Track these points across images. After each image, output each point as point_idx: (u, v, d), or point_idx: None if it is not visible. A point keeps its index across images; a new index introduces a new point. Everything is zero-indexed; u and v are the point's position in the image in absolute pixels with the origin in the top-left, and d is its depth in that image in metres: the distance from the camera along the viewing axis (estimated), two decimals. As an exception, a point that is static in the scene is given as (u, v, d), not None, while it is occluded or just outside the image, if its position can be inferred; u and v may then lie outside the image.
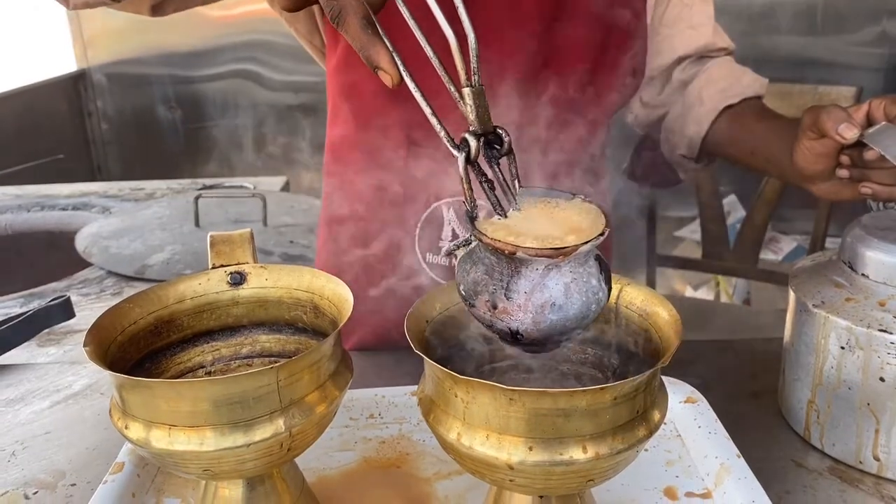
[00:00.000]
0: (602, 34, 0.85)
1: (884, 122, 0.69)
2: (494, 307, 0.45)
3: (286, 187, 1.80)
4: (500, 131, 0.47)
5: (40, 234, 1.64)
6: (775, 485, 0.66)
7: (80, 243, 1.39)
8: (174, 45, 2.66)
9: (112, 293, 1.22)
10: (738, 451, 0.64)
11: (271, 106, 2.68)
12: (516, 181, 0.49)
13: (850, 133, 0.67)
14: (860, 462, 0.68)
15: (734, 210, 2.44)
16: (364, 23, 0.46)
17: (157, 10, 0.76)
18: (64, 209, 1.68)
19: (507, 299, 0.45)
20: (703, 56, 0.93)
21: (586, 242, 0.44)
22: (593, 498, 0.54)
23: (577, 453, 0.44)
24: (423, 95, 0.46)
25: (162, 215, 1.51)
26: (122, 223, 1.49)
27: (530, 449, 0.44)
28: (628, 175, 1.05)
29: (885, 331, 0.63)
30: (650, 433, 0.47)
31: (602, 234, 0.45)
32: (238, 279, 0.60)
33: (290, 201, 1.60)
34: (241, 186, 1.64)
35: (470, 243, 0.48)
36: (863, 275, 0.67)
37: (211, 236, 0.60)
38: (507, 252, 0.44)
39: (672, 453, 0.68)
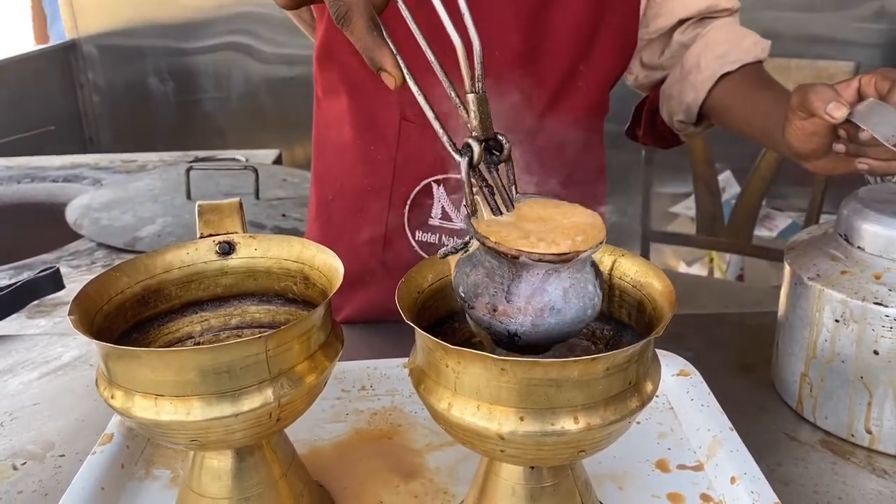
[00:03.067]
0: (596, 9, 0.83)
1: (871, 99, 0.66)
2: (495, 309, 0.46)
3: (279, 160, 1.79)
4: (501, 138, 0.48)
5: (31, 205, 1.62)
6: (767, 457, 0.66)
7: (71, 215, 1.38)
8: (166, 17, 2.63)
9: (103, 265, 1.21)
10: (730, 424, 0.64)
11: (264, 78, 2.66)
12: (514, 187, 0.50)
13: (838, 112, 0.65)
14: (852, 435, 0.67)
15: (729, 186, 2.44)
16: (370, 24, 0.46)
17: None
18: (55, 181, 1.67)
19: (508, 302, 0.45)
20: (705, 17, 0.91)
21: (588, 249, 0.45)
22: (584, 469, 0.53)
23: (568, 424, 0.44)
24: (425, 98, 0.46)
25: (153, 187, 1.50)
26: (113, 195, 1.47)
27: (521, 419, 0.44)
28: (629, 135, 1.03)
29: (880, 304, 0.63)
30: (642, 404, 0.46)
31: (601, 242, 0.45)
32: (227, 249, 0.59)
33: (282, 174, 1.59)
34: (233, 159, 1.63)
35: (465, 247, 0.49)
36: (859, 247, 0.67)
37: (199, 205, 0.59)
38: (509, 256, 0.44)
39: (664, 426, 0.68)
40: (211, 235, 0.59)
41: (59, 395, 0.78)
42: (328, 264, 0.55)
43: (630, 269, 0.53)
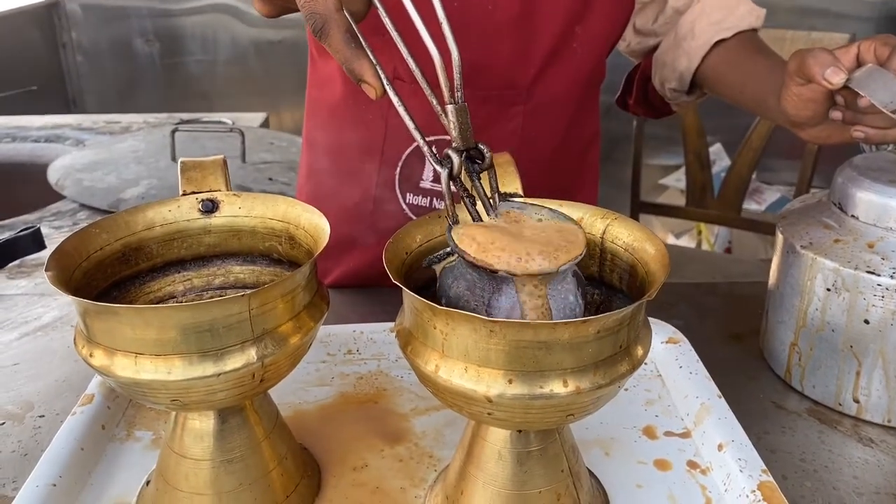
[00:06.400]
0: None
1: (869, 65, 0.64)
2: None
3: (266, 123, 1.76)
4: (482, 147, 0.48)
5: (11, 166, 1.59)
6: (754, 425, 0.65)
7: (53, 175, 1.35)
8: (151, -24, 2.57)
9: (85, 227, 1.19)
10: (718, 392, 0.63)
11: (252, 41, 2.61)
12: (496, 194, 0.50)
13: (836, 78, 0.64)
14: (840, 404, 0.67)
15: (719, 159, 2.43)
16: (347, 37, 0.47)
17: None
18: (36, 141, 1.63)
19: (488, 315, 0.46)
20: None
21: (566, 263, 0.45)
22: (572, 434, 0.53)
23: (557, 387, 0.43)
24: (406, 109, 0.47)
25: (138, 149, 1.47)
26: (96, 156, 1.44)
27: (510, 382, 0.43)
28: (619, 105, 1.02)
29: (872, 272, 0.62)
30: (633, 369, 0.45)
31: (580, 255, 0.46)
32: (210, 207, 0.57)
33: (269, 138, 1.56)
34: (220, 122, 1.60)
35: (448, 256, 0.50)
36: (853, 216, 0.66)
37: (182, 162, 0.58)
38: (488, 270, 0.45)
39: (652, 393, 0.67)
40: (193, 193, 0.57)
41: (40, 355, 0.77)
42: (314, 224, 0.54)
43: (622, 233, 0.52)
